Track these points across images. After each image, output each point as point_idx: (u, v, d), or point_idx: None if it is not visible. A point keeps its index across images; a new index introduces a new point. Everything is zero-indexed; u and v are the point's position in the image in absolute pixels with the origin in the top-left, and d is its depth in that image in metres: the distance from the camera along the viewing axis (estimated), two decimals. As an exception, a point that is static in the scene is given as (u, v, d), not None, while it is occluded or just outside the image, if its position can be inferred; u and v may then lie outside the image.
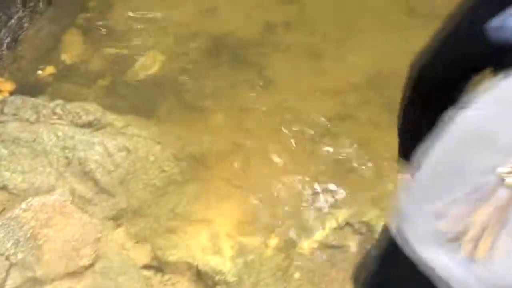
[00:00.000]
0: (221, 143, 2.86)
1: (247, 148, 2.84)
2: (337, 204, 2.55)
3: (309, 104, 3.08)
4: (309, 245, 2.39)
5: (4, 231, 2.28)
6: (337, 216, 2.48)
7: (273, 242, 2.41)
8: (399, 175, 1.47)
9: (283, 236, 2.43)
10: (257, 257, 2.34)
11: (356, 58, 3.32)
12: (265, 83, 3.24)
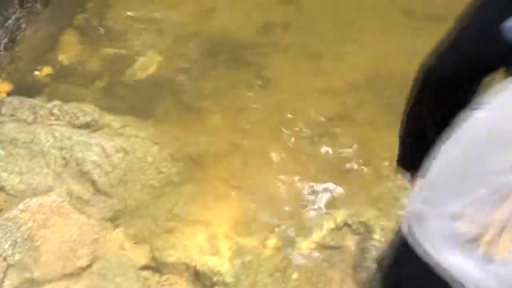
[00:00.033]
0: (219, 144, 2.85)
1: (245, 149, 2.84)
2: (335, 205, 2.55)
3: (308, 104, 3.07)
4: (307, 246, 2.39)
5: (2, 232, 2.28)
6: (335, 217, 2.48)
7: (271, 243, 2.40)
8: (401, 179, 1.45)
9: (281, 237, 2.42)
10: (255, 258, 2.33)
11: (355, 59, 3.32)
12: (264, 83, 3.24)
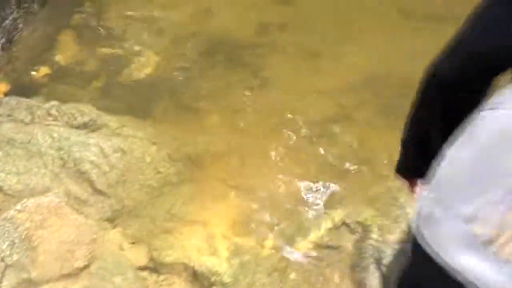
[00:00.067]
0: (217, 144, 2.85)
1: (243, 149, 2.84)
2: (333, 204, 2.55)
3: (306, 104, 3.08)
4: (305, 245, 2.39)
5: (-1, 233, 2.28)
6: (333, 216, 2.48)
7: (269, 243, 2.40)
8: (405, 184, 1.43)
9: (279, 236, 2.43)
10: (253, 258, 2.33)
11: (354, 59, 3.32)
12: (262, 84, 3.24)
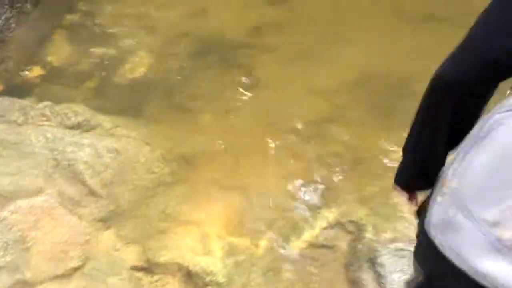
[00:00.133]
0: (210, 144, 2.86)
1: (237, 149, 2.84)
2: (327, 204, 2.56)
3: (299, 105, 3.09)
4: (299, 245, 2.40)
5: (-8, 234, 2.27)
6: (327, 216, 2.49)
7: (263, 243, 2.41)
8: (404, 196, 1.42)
9: (274, 236, 2.43)
10: (248, 257, 2.34)
11: (346, 59, 3.33)
12: (255, 84, 3.25)
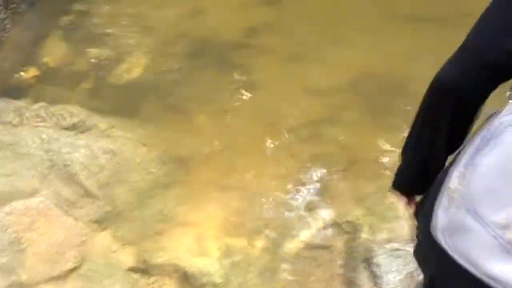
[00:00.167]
0: (206, 145, 2.86)
1: (232, 150, 2.84)
2: (323, 204, 2.57)
3: (294, 106, 3.09)
4: (296, 245, 2.40)
5: (-12, 235, 2.26)
6: (323, 216, 2.50)
7: (260, 243, 2.41)
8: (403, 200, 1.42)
9: (270, 237, 2.43)
10: (244, 258, 2.34)
11: (342, 60, 3.34)
12: (250, 85, 3.25)
